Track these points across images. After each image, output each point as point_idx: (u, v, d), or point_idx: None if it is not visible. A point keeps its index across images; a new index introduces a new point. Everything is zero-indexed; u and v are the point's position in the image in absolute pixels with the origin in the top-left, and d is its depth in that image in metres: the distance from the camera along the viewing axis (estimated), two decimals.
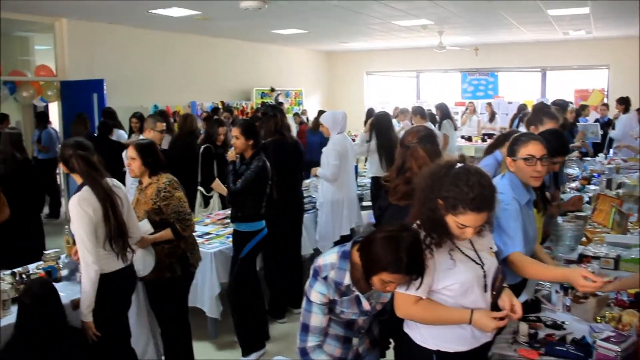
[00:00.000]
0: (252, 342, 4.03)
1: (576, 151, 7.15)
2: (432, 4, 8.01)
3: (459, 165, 1.98)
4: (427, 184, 2.01)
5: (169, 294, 3.44)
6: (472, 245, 2.07)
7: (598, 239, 3.63)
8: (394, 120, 7.34)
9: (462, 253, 2.04)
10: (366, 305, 2.15)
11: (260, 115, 5.54)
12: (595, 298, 2.50)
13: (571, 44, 13.01)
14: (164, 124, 5.14)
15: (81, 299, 2.77)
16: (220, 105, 11.08)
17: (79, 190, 2.83)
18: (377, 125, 5.83)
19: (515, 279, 2.48)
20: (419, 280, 1.95)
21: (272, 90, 13.21)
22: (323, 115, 5.23)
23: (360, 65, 15.93)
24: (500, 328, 2.09)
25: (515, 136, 2.66)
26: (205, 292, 4.17)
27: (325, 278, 2.11)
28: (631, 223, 3.89)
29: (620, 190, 5.00)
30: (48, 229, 5.84)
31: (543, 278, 2.64)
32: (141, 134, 5.52)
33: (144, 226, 3.25)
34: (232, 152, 4.03)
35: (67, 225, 3.22)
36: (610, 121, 9.27)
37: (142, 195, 3.38)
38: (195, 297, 4.13)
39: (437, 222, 1.97)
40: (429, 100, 13.73)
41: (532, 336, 2.28)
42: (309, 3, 7.72)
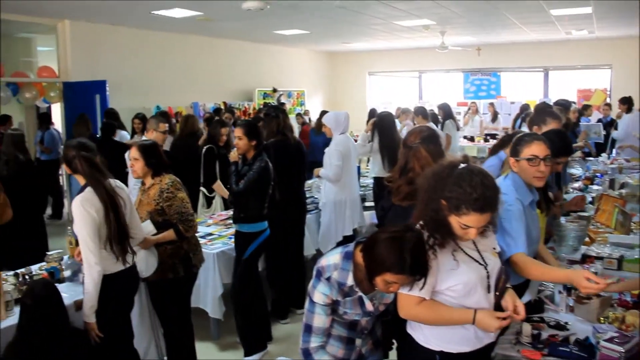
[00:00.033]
0: (255, 343, 4.03)
1: (579, 151, 7.13)
2: (434, 4, 8.00)
3: (462, 166, 1.97)
4: (430, 184, 2.01)
5: (172, 295, 3.44)
6: (475, 245, 2.07)
7: (601, 239, 3.61)
8: (396, 121, 7.33)
9: (465, 254, 2.03)
10: (369, 306, 2.15)
11: (263, 116, 5.54)
12: (598, 299, 2.49)
13: (574, 43, 12.99)
14: (167, 124, 5.16)
15: (84, 299, 2.77)
16: (222, 106, 11.08)
17: (81, 191, 2.83)
18: (380, 125, 5.83)
19: (518, 280, 2.48)
20: (422, 281, 1.95)
21: (275, 90, 13.21)
22: (325, 116, 5.22)
23: (362, 66, 15.93)
24: (503, 329, 2.08)
25: (518, 136, 2.64)
26: (208, 292, 4.17)
27: (329, 279, 2.11)
28: (634, 223, 3.88)
29: (623, 191, 4.98)
30: (51, 230, 5.87)
31: (546, 279, 2.64)
32: (144, 134, 5.53)
33: (147, 227, 3.25)
34: (234, 153, 4.03)
35: (69, 226, 3.23)
36: (613, 121, 9.23)
37: (145, 196, 3.38)
38: (198, 298, 4.12)
39: (440, 222, 1.96)
40: (431, 101, 13.74)
41: (535, 337, 2.28)
42: (311, 4, 7.72)
